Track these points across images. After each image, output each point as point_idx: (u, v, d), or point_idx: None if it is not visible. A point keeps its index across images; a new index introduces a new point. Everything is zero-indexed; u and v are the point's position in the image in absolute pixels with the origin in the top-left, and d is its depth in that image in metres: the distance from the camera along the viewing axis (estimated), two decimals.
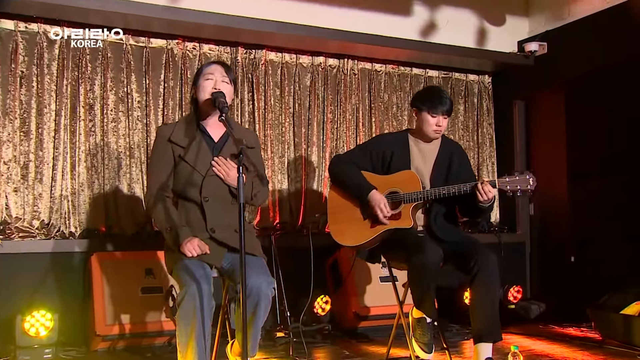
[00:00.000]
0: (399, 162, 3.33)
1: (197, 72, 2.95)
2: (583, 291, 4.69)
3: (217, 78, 2.83)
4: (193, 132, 2.84)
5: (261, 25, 4.53)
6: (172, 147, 2.81)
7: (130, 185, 4.46)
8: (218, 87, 2.81)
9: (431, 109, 3.26)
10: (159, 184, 2.79)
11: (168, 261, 2.80)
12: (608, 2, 4.78)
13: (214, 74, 2.84)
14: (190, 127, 2.85)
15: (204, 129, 2.87)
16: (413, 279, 3.06)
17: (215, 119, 2.87)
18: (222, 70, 2.87)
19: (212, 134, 2.88)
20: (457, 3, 5.28)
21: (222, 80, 2.83)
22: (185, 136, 2.82)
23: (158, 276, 3.99)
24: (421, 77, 5.47)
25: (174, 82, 4.64)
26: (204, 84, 2.83)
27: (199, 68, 2.96)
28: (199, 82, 2.86)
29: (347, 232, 3.33)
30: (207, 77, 2.84)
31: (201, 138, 2.84)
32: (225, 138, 2.89)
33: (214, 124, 2.89)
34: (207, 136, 2.87)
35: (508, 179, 3.07)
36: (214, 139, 2.88)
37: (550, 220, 5.34)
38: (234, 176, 2.76)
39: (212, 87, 2.81)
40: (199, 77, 2.87)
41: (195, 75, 2.94)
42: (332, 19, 4.82)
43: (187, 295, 2.49)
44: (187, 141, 2.81)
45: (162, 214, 2.74)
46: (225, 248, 2.76)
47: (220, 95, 2.75)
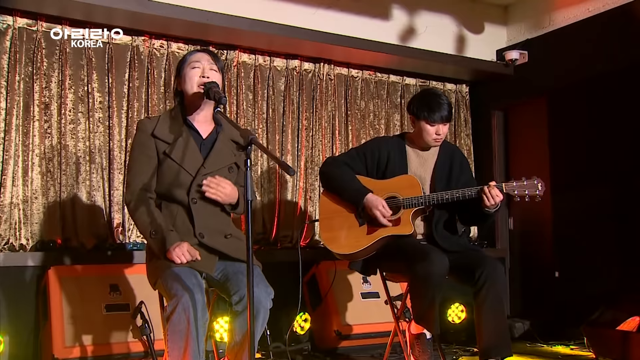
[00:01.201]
0: (395, 167, 3.21)
1: (180, 62, 2.75)
2: (569, 308, 4.66)
3: (204, 66, 2.65)
4: (179, 128, 2.63)
5: (232, 22, 4.35)
6: (156, 142, 2.60)
7: (91, 194, 4.17)
8: (207, 76, 2.62)
9: (429, 117, 3.14)
10: (141, 184, 2.56)
11: (152, 270, 2.55)
12: (590, 11, 4.85)
13: (200, 61, 2.65)
14: (175, 122, 2.65)
15: (190, 124, 2.68)
16: (416, 290, 2.92)
17: (204, 113, 2.69)
18: (209, 58, 2.68)
19: (200, 130, 2.69)
20: (437, 9, 5.27)
21: (210, 69, 2.65)
22: (170, 131, 2.62)
23: (124, 292, 3.71)
24: (398, 84, 5.41)
25: (140, 82, 4.40)
26: (190, 74, 2.64)
27: (182, 57, 2.76)
28: (184, 72, 2.66)
29: (341, 239, 3.17)
30: (193, 66, 2.64)
31: (188, 134, 2.64)
32: (214, 134, 2.71)
33: (202, 118, 2.70)
34: (194, 132, 2.67)
35: (515, 183, 3.00)
36: (201, 135, 2.68)
37: (532, 234, 5.32)
38: (230, 193, 2.58)
39: (199, 76, 2.63)
40: (183, 66, 2.68)
41: (179, 65, 2.74)
42: (308, 20, 4.71)
43: (179, 306, 2.27)
44: (173, 137, 2.60)
45: (146, 217, 2.51)
46: (216, 255, 2.56)
47: (214, 85, 2.57)
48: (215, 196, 2.54)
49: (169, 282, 2.36)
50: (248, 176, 2.09)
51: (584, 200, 4.75)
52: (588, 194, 4.72)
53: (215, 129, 2.71)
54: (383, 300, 4.33)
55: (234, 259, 2.57)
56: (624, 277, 4.41)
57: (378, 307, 4.32)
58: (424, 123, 3.17)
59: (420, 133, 3.20)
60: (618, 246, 4.51)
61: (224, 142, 2.68)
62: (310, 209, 4.87)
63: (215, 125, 2.72)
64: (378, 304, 4.34)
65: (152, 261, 2.56)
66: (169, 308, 2.31)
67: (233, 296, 2.44)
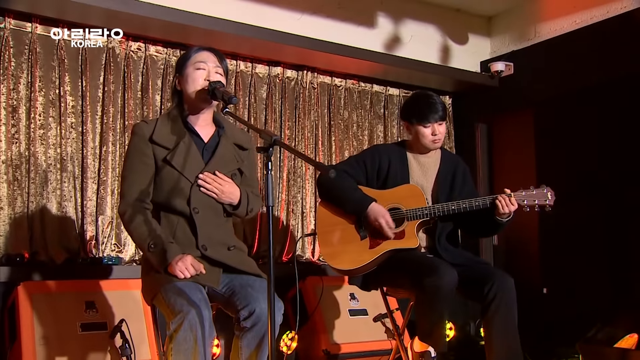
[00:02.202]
0: (396, 176, 3.15)
1: (181, 58, 2.64)
2: (559, 325, 4.66)
3: (209, 68, 2.55)
4: (180, 131, 2.52)
5: (214, 24, 4.23)
6: (154, 148, 2.47)
7: (61, 204, 3.97)
8: (212, 79, 2.52)
9: (422, 120, 3.11)
10: (137, 193, 2.43)
11: (150, 284, 2.41)
12: (577, 23, 4.92)
13: (206, 62, 2.55)
14: (175, 125, 2.53)
15: (191, 127, 2.56)
16: (424, 305, 2.84)
17: (205, 116, 2.59)
18: (215, 59, 2.59)
19: (201, 133, 2.58)
20: (422, 18, 5.26)
21: (215, 72, 2.55)
22: (170, 135, 2.50)
23: (101, 310, 3.54)
24: (382, 94, 5.38)
25: (116, 86, 4.24)
26: (193, 75, 2.53)
27: (184, 54, 2.65)
28: (186, 71, 2.55)
29: (342, 254, 3.07)
30: (197, 66, 2.54)
31: (189, 138, 2.52)
32: (216, 138, 2.60)
33: (203, 121, 2.59)
34: (195, 136, 2.56)
35: (524, 192, 2.98)
36: (203, 139, 2.57)
37: (517, 250, 5.33)
38: (229, 192, 2.47)
39: (204, 79, 2.52)
40: (186, 65, 2.57)
41: (179, 62, 2.63)
42: (293, 25, 4.63)
43: (185, 323, 2.14)
44: (173, 141, 2.48)
45: (144, 228, 2.37)
46: (220, 268, 2.44)
47: (219, 84, 2.47)
48: (211, 193, 2.44)
49: (171, 297, 2.23)
50: (269, 180, 1.99)
51: (572, 215, 4.76)
52: (576, 208, 4.74)
53: (217, 132, 2.61)
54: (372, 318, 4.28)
55: (240, 272, 2.46)
56: (616, 293, 4.43)
57: (367, 325, 4.24)
58: (418, 127, 3.14)
59: (417, 138, 3.16)
60: (609, 261, 4.54)
61: (226, 147, 2.58)
62: (293, 222, 4.77)
63: (217, 128, 2.62)
64: (367, 322, 4.26)
65: (149, 274, 2.41)
66: (172, 325, 2.18)
67: (241, 311, 2.32)
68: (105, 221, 4.09)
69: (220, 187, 2.46)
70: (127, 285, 3.71)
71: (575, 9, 4.95)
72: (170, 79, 4.42)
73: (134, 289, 3.69)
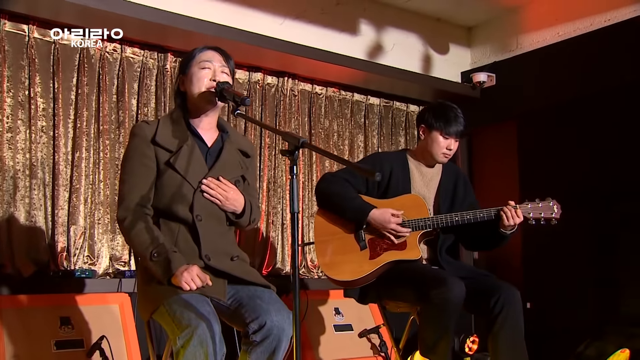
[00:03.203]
0: (397, 185, 3.11)
1: (185, 58, 2.55)
2: (544, 341, 4.69)
3: (215, 67, 2.47)
4: (183, 134, 2.43)
5: (194, 25, 4.13)
6: (156, 150, 2.38)
7: (30, 213, 3.80)
8: (218, 79, 2.44)
9: (445, 128, 3.07)
10: (138, 197, 2.32)
11: (150, 296, 2.29)
12: (560, 35, 5.02)
13: (211, 61, 2.48)
14: (178, 127, 2.44)
15: (195, 130, 2.48)
16: (430, 318, 2.80)
17: (210, 119, 2.51)
18: (221, 58, 2.51)
19: (205, 137, 2.49)
20: (404, 26, 5.29)
21: (221, 71, 2.48)
22: (173, 138, 2.41)
23: (77, 326, 3.39)
24: (362, 103, 5.36)
25: (90, 88, 4.10)
26: (198, 74, 2.45)
27: (188, 54, 2.57)
28: (191, 71, 2.47)
29: (340, 264, 3.01)
30: (203, 66, 2.46)
31: (193, 141, 2.44)
32: (219, 142, 2.52)
33: (207, 124, 2.51)
34: (199, 139, 2.47)
35: (530, 205, 2.98)
36: (206, 143, 2.49)
37: (499, 264, 5.35)
38: (233, 199, 2.40)
39: (209, 79, 2.45)
40: (190, 65, 2.49)
41: (183, 62, 2.55)
42: (275, 30, 4.59)
43: (195, 338, 2.04)
44: (176, 144, 2.39)
45: (145, 236, 2.26)
46: (225, 279, 2.35)
47: (227, 85, 2.40)
48: (215, 199, 2.36)
49: (177, 310, 2.13)
50: (295, 185, 1.92)
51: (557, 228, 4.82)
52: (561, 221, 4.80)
53: (220, 137, 2.53)
54: (357, 333, 4.24)
55: (245, 283, 2.37)
56: (603, 307, 4.48)
57: (352, 340, 4.20)
58: (437, 134, 3.10)
59: (430, 145, 3.11)
60: (594, 275, 4.60)
61: (230, 152, 2.50)
62: (273, 234, 4.69)
63: (220, 132, 2.54)
64: (352, 338, 4.21)
65: (150, 285, 2.30)
66: (180, 341, 2.08)
67: (250, 324, 2.23)
68: (78, 232, 3.93)
69: (224, 193, 2.38)
70: (105, 300, 3.57)
71: (557, 21, 5.05)
72: (147, 82, 4.32)
73: (112, 303, 3.56)
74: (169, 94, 4.37)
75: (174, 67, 4.43)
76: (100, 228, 4.03)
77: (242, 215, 2.47)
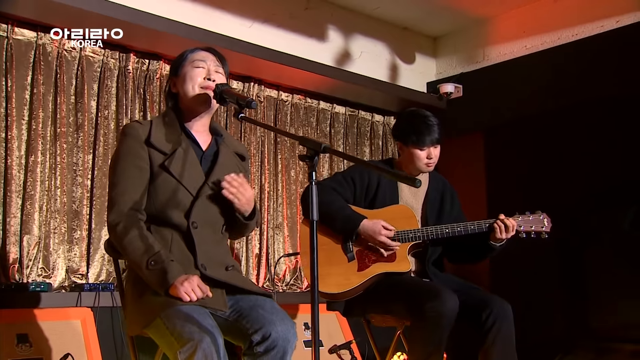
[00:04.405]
0: (385, 196, 3.11)
1: (176, 60, 2.49)
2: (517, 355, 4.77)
3: (209, 67, 2.42)
4: (176, 136, 2.36)
5: (158, 24, 4.03)
6: (150, 152, 2.30)
7: None
8: (212, 78, 2.40)
9: (419, 142, 3.09)
10: (131, 202, 2.23)
11: (144, 310, 2.18)
12: (528, 48, 5.17)
13: (205, 61, 2.43)
14: (171, 129, 2.37)
15: (189, 133, 2.42)
16: (422, 333, 2.79)
17: (203, 121, 2.46)
18: (214, 59, 2.46)
19: (199, 140, 2.43)
20: (371, 34, 5.34)
21: (215, 71, 2.43)
22: (167, 140, 2.34)
23: (36, 343, 3.23)
24: (328, 111, 5.37)
25: (46, 88, 3.95)
26: (192, 73, 2.39)
27: (179, 55, 2.50)
28: (183, 70, 2.41)
29: (327, 276, 2.97)
30: (196, 65, 2.41)
31: (188, 144, 2.37)
32: (214, 146, 2.47)
33: (201, 127, 2.45)
34: (193, 142, 2.41)
35: (521, 217, 3.03)
36: (201, 147, 2.43)
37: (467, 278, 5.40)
38: (250, 198, 2.35)
39: (204, 78, 2.40)
40: (183, 64, 2.43)
41: (174, 64, 2.48)
42: (243, 33, 4.55)
43: (199, 352, 1.97)
44: (170, 147, 2.33)
45: (140, 243, 2.18)
46: (223, 289, 2.29)
47: (226, 86, 2.35)
48: (234, 197, 2.30)
49: (177, 323, 2.05)
50: (314, 192, 1.90)
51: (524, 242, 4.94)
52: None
53: (215, 140, 2.48)
54: (327, 349, 4.21)
55: (243, 292, 2.32)
56: (572, 322, 4.60)
57: (322, 356, 4.16)
58: (413, 149, 3.12)
59: (410, 160, 3.14)
60: (563, 289, 4.72)
61: (227, 156, 2.45)
62: (237, 245, 4.62)
63: (213, 136, 2.49)
64: (322, 353, 4.17)
65: (144, 296, 2.21)
66: (181, 356, 2.00)
67: (253, 335, 2.17)
68: (32, 242, 3.76)
69: (245, 193, 2.33)
70: (66, 315, 3.42)
71: (525, 34, 5.20)
72: (107, 84, 4.20)
73: (73, 318, 3.42)
74: (130, 97, 4.27)
75: (136, 69, 4.33)
76: (56, 238, 3.87)
77: (253, 216, 2.42)
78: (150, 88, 4.37)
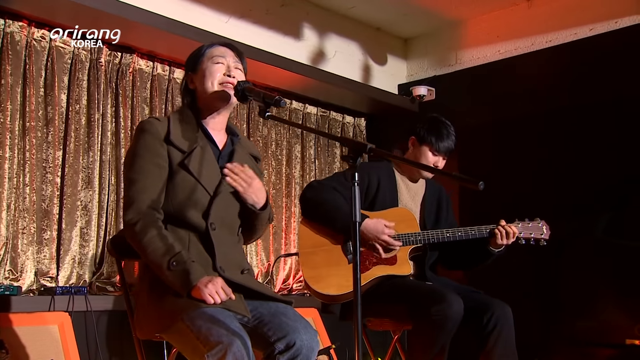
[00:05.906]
0: (385, 197, 3.17)
1: (193, 55, 2.47)
2: None
3: (229, 63, 2.42)
4: (193, 134, 2.35)
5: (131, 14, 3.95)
6: (170, 149, 2.28)
7: None
8: (233, 75, 2.40)
9: (436, 144, 3.17)
10: (149, 200, 2.21)
11: (164, 312, 2.14)
12: (501, 53, 5.34)
13: (224, 57, 2.42)
14: (189, 127, 2.36)
15: (206, 131, 2.41)
16: (424, 337, 2.85)
17: (221, 119, 2.45)
18: (234, 55, 2.46)
19: (216, 139, 2.43)
20: (345, 34, 5.40)
21: (235, 67, 2.44)
22: (185, 138, 2.33)
23: (13, 349, 3.13)
24: (300, 111, 5.40)
25: (15, 79, 3.84)
26: (211, 69, 2.39)
27: (196, 51, 2.48)
28: (202, 66, 2.40)
29: (327, 278, 2.99)
30: (215, 61, 2.40)
31: (205, 143, 2.37)
32: (230, 145, 2.47)
33: (218, 125, 2.45)
34: (210, 141, 2.41)
35: (520, 224, 3.13)
36: (218, 146, 2.43)
37: None
38: (257, 188, 2.35)
39: (223, 74, 2.40)
40: (202, 60, 2.42)
41: (191, 59, 2.46)
42: (219, 28, 4.54)
43: (229, 356, 1.96)
44: (188, 145, 2.32)
45: (160, 243, 2.16)
46: (241, 294, 2.29)
47: (248, 84, 2.36)
48: (238, 184, 2.29)
49: (203, 326, 2.04)
50: (356, 193, 1.93)
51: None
52: None
53: (231, 140, 2.48)
54: None
55: (262, 298, 2.33)
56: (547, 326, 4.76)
57: None
58: (427, 149, 3.19)
59: (417, 158, 3.20)
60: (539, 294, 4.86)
61: (242, 156, 2.45)
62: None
63: (229, 136, 2.49)
64: None
65: (163, 299, 2.18)
66: (210, 359, 2.01)
67: (276, 344, 2.18)
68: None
69: (248, 180, 2.32)
70: (42, 320, 3.33)
71: (499, 39, 5.36)
72: (79, 77, 4.11)
73: (50, 323, 3.34)
74: (102, 91, 4.19)
75: (108, 61, 4.26)
76: (24, 238, 3.76)
77: (264, 209, 2.41)
78: (122, 82, 4.30)
